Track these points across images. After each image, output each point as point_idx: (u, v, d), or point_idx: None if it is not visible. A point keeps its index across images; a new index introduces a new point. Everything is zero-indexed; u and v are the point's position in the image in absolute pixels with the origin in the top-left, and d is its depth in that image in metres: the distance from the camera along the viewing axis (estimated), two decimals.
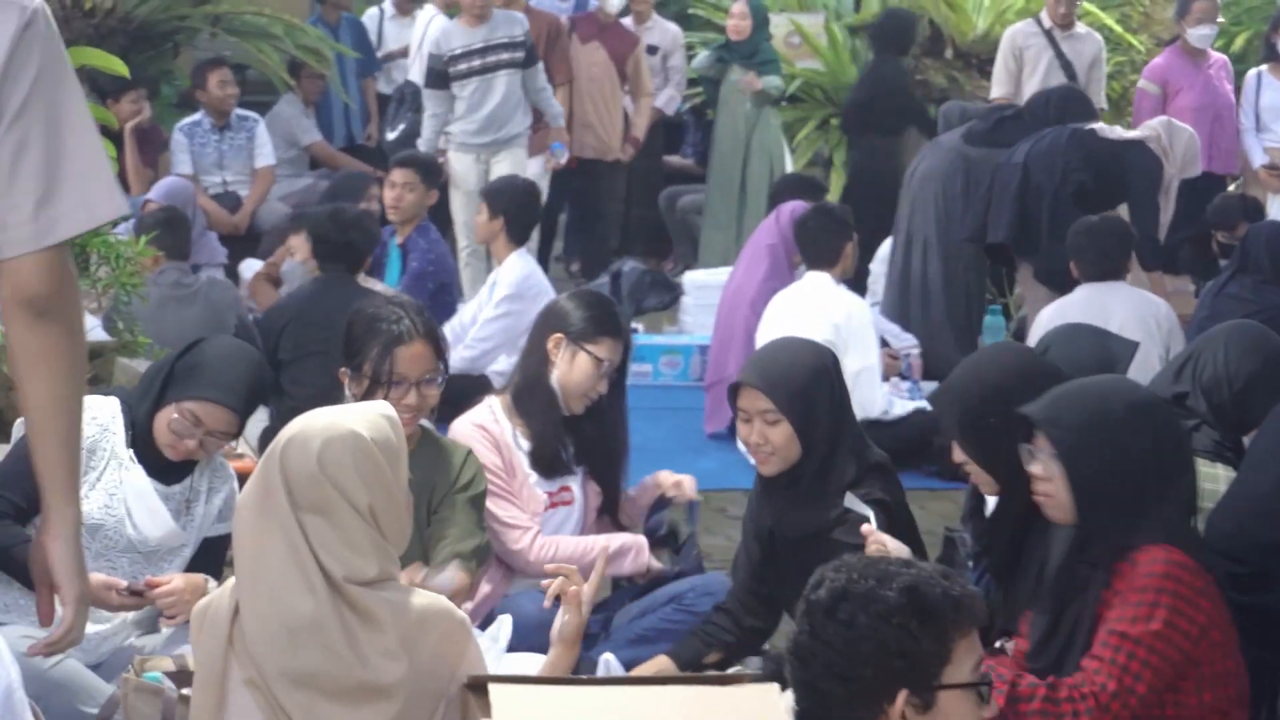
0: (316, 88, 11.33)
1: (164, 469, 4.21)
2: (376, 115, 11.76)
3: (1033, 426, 3.57)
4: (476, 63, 9.62)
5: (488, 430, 4.70)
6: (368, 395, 4.24)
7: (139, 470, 4.17)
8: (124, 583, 4.04)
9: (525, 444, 4.73)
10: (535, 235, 9.37)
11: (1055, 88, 8.78)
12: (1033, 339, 6.70)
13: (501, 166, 9.54)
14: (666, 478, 5.01)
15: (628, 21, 11.21)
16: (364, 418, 3.13)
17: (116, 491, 4.16)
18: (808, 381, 4.30)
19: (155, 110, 10.63)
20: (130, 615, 4.24)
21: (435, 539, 4.31)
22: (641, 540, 4.79)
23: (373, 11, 12.34)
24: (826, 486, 4.25)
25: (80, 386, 2.72)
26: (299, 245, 7.99)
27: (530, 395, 4.72)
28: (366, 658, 3.04)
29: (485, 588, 4.61)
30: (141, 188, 9.97)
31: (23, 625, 3.97)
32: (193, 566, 4.25)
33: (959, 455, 3.92)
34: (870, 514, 4.02)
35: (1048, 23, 9.65)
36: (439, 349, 4.37)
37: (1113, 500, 3.47)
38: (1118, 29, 11.53)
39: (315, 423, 3.12)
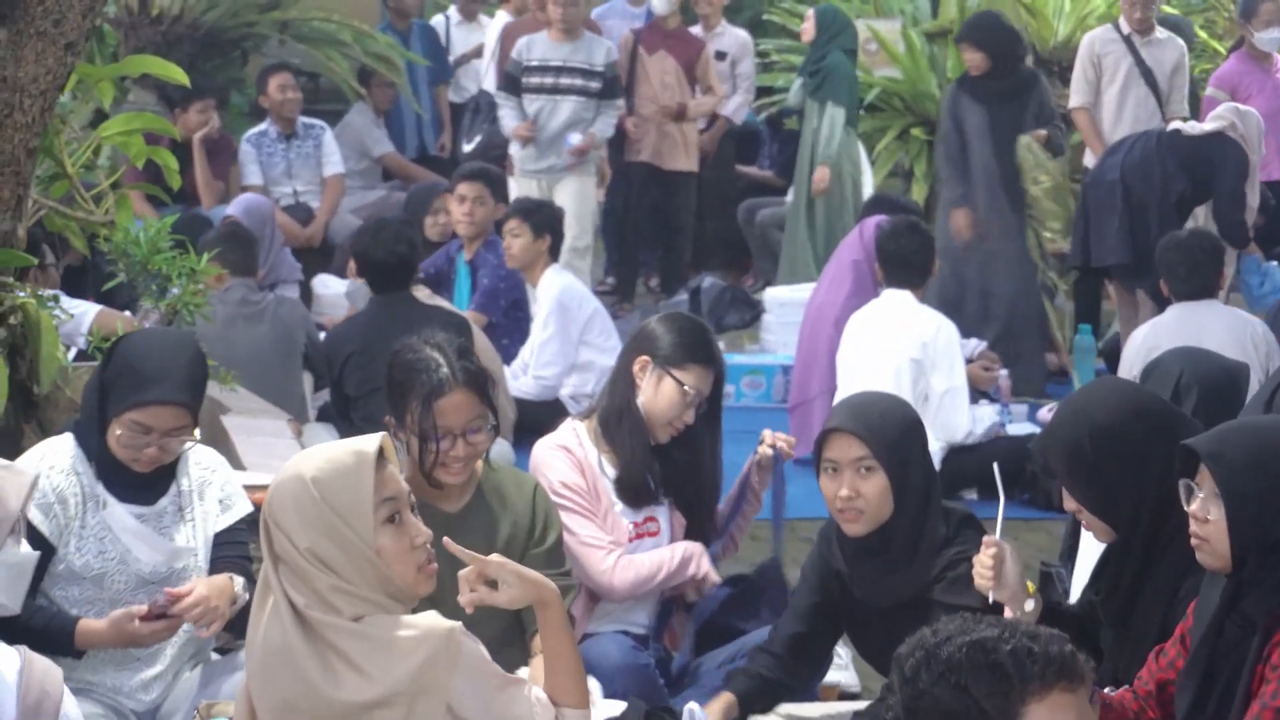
0: (387, 96, 11.23)
1: (143, 485, 4.01)
2: (450, 124, 11.63)
3: (1195, 462, 3.29)
4: (549, 80, 9.47)
5: (571, 452, 4.52)
6: (419, 450, 4.12)
7: (117, 506, 3.98)
8: (142, 608, 3.86)
9: (611, 471, 4.55)
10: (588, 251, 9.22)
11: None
12: (1128, 363, 6.47)
13: (563, 195, 9.33)
14: (768, 434, 4.73)
15: (696, 29, 11.02)
16: (325, 459, 3.07)
17: (105, 535, 3.98)
18: (903, 431, 4.05)
19: (225, 120, 10.54)
20: (174, 650, 4.07)
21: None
22: (699, 547, 4.57)
23: (438, 19, 12.23)
24: (919, 548, 3.99)
25: None
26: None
27: (617, 421, 4.53)
28: (339, 679, 2.99)
29: None
30: (212, 200, 9.89)
31: (88, 704, 3.85)
32: (214, 568, 4.07)
33: (1070, 503, 3.67)
34: (1001, 500, 3.75)
35: (1126, 29, 9.39)
36: (483, 393, 4.19)
37: (1277, 551, 3.19)
38: (1203, 35, 11.26)
39: (287, 465, 3.12)
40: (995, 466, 3.82)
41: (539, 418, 7.09)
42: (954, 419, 6.88)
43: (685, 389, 4.48)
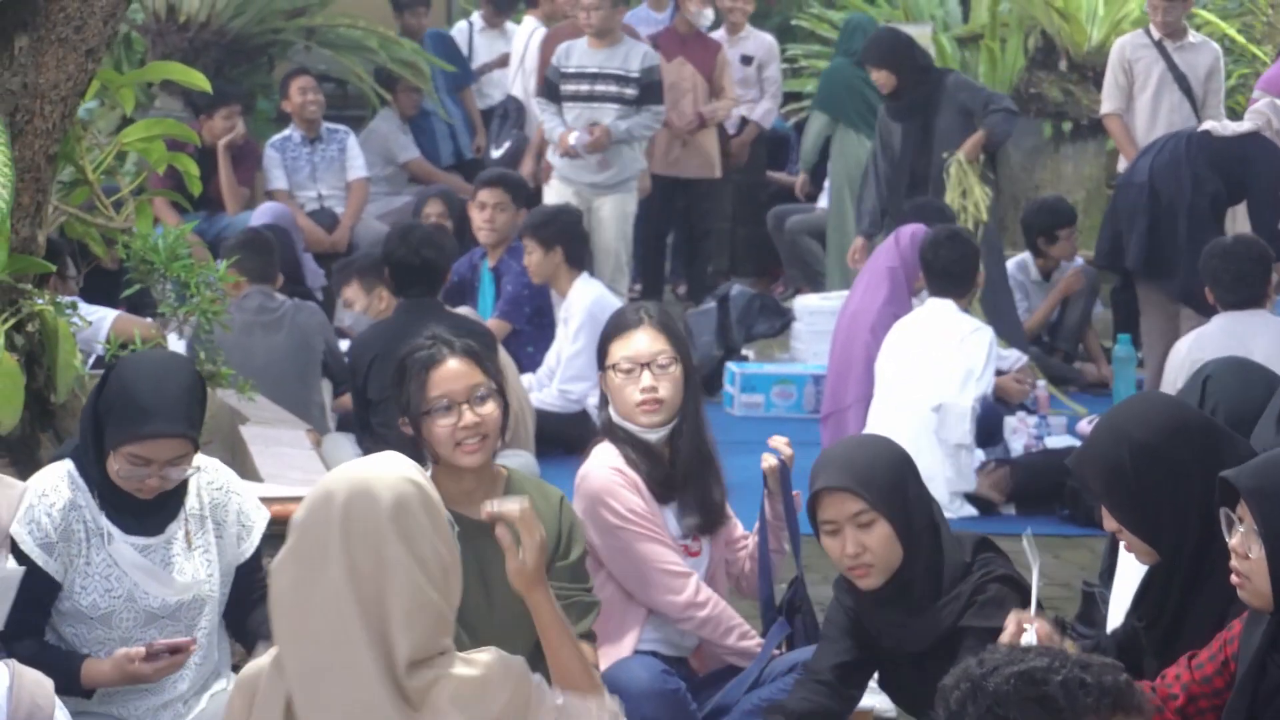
0: (413, 101, 11.19)
1: (148, 512, 3.84)
2: (481, 126, 11.57)
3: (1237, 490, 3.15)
4: (584, 88, 9.27)
5: (624, 474, 4.36)
6: (423, 433, 3.96)
7: (122, 542, 3.82)
8: (140, 650, 3.73)
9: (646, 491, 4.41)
10: (615, 260, 9.09)
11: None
12: (1171, 376, 6.32)
13: (605, 211, 9.17)
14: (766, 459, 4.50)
15: (719, 34, 10.91)
16: (409, 465, 2.86)
17: (111, 571, 3.83)
18: (894, 471, 3.86)
19: (251, 126, 10.50)
20: (189, 675, 3.93)
21: None
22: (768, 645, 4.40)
23: (462, 25, 12.17)
24: (942, 584, 3.83)
25: None
26: (354, 296, 7.64)
27: (624, 444, 4.39)
28: None
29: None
30: (236, 206, 9.85)
31: None
32: (234, 594, 3.94)
33: (1110, 524, 3.52)
34: (1037, 561, 3.60)
35: (1157, 34, 9.27)
36: (481, 364, 4.04)
37: None
38: (1240, 39, 11.13)
39: (370, 473, 2.82)
40: (1027, 536, 3.65)
41: (563, 429, 7.01)
42: (958, 426, 6.73)
43: (617, 370, 4.33)
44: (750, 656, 4.35)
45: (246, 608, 3.95)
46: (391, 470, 2.83)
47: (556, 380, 7.63)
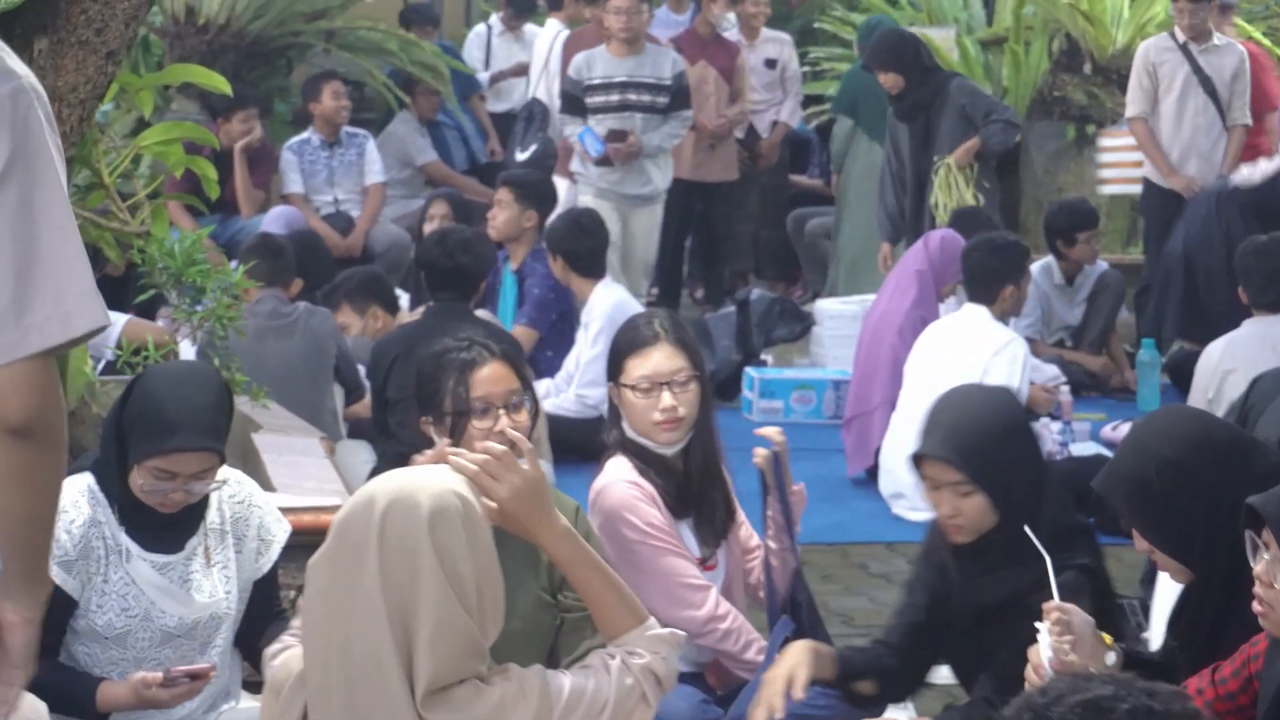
0: (432, 105, 11.14)
1: (168, 527, 3.76)
2: (493, 131, 11.51)
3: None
4: (615, 98, 9.08)
5: (641, 486, 4.26)
6: (454, 434, 3.86)
7: (140, 560, 3.74)
8: (158, 675, 3.64)
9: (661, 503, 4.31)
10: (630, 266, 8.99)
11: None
12: (1202, 384, 6.23)
13: (639, 224, 9.06)
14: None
15: (732, 35, 10.82)
16: (457, 478, 2.76)
17: (129, 590, 3.74)
18: (1001, 445, 3.84)
19: (268, 129, 10.45)
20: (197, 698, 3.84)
21: (568, 631, 3.87)
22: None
23: (480, 28, 12.11)
24: (1020, 551, 3.75)
25: (58, 501, 2.47)
26: (347, 320, 7.52)
27: (636, 457, 4.28)
28: None
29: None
30: (252, 210, 9.81)
31: None
32: (248, 610, 3.86)
33: (1141, 544, 3.43)
34: (1055, 596, 3.53)
35: (1182, 37, 9.18)
36: (518, 369, 3.97)
37: None
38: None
39: (415, 481, 2.73)
40: (1028, 531, 3.60)
41: (579, 435, 6.90)
42: None
43: (635, 389, 4.22)
44: None
45: (260, 625, 3.87)
46: (437, 481, 2.74)
47: (574, 386, 7.53)
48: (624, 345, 4.30)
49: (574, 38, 10.52)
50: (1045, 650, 3.32)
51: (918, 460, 3.90)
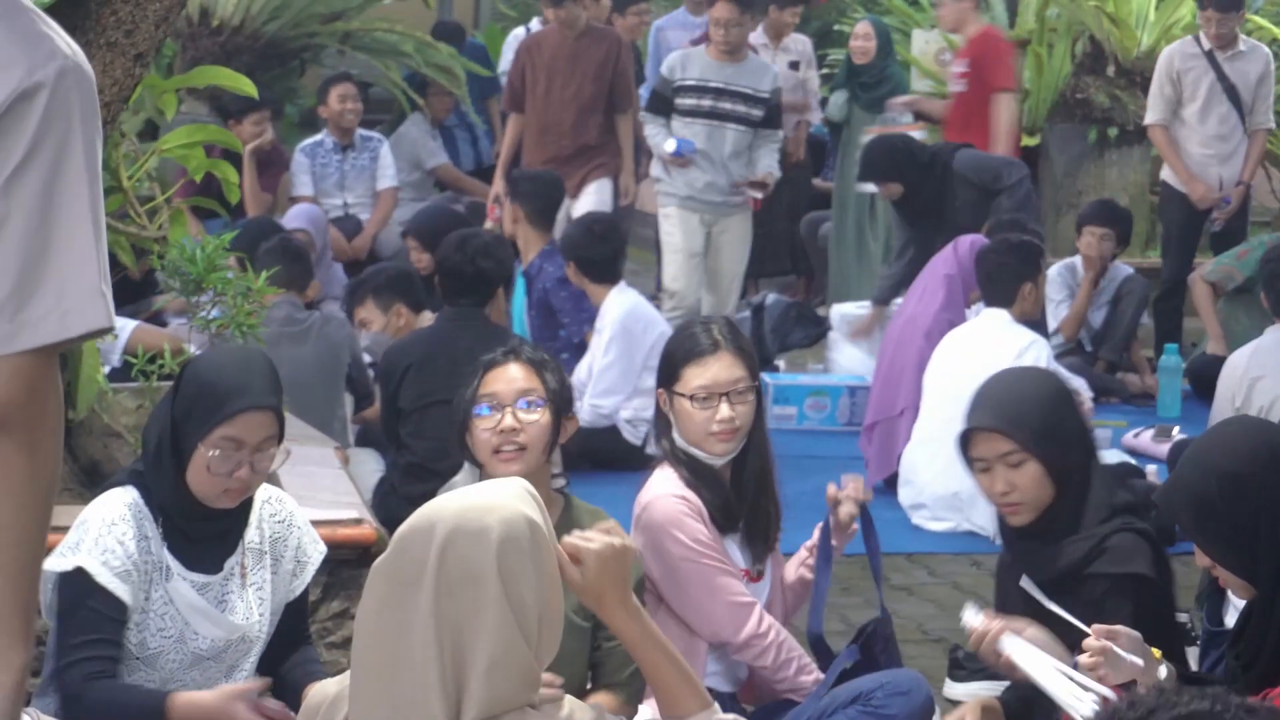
0: (445, 106, 11.08)
1: (210, 541, 3.68)
2: (500, 133, 11.47)
3: None
4: (706, 103, 8.65)
5: (689, 501, 4.14)
6: (459, 429, 3.82)
7: (181, 580, 3.65)
8: (256, 690, 3.56)
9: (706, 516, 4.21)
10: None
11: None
12: (1228, 393, 6.15)
13: (728, 236, 8.76)
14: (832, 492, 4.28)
15: (756, 37, 10.73)
16: (523, 499, 2.63)
17: (167, 610, 3.65)
18: (1049, 410, 3.83)
19: (279, 131, 10.40)
20: None
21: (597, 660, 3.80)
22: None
23: (519, 31, 12.00)
24: (1082, 521, 3.78)
25: (41, 516, 2.31)
26: (370, 316, 7.42)
27: (684, 467, 4.17)
28: None
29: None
30: (258, 210, 9.72)
31: None
32: (277, 633, 3.77)
33: (1203, 559, 3.36)
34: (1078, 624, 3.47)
35: (1208, 44, 9.09)
36: (543, 375, 3.92)
37: None
38: None
39: (483, 498, 2.60)
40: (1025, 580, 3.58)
41: (592, 444, 6.82)
42: None
43: (693, 399, 4.11)
44: (806, 692, 4.14)
45: (285, 651, 3.78)
46: (507, 504, 2.60)
47: (588, 395, 7.39)
48: (680, 353, 4.18)
49: (532, 40, 9.79)
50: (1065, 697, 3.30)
51: (965, 443, 3.86)
